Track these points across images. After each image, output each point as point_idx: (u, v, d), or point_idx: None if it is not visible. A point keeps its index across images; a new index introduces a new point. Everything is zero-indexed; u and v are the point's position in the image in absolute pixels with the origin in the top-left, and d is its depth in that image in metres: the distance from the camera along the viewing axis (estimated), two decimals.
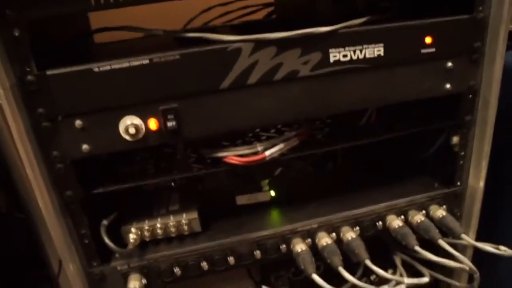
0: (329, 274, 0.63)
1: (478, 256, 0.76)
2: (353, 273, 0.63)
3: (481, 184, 0.73)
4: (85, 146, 0.54)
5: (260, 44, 0.54)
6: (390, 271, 0.80)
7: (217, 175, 0.75)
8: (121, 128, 0.54)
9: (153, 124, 0.55)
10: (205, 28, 0.73)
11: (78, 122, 0.53)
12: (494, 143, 0.70)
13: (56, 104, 0.52)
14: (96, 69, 0.51)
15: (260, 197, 0.74)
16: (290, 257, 0.67)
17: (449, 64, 0.63)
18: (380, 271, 0.63)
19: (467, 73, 0.64)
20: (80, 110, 0.53)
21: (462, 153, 0.72)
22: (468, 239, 0.67)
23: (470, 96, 0.67)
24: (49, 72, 0.50)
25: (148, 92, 0.54)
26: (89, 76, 0.51)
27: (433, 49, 0.61)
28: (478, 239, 0.74)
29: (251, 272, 0.78)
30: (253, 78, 0.55)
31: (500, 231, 0.92)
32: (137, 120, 0.54)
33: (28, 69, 0.49)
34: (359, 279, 0.74)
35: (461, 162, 0.72)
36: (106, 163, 0.66)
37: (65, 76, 0.51)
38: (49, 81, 0.50)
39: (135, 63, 0.52)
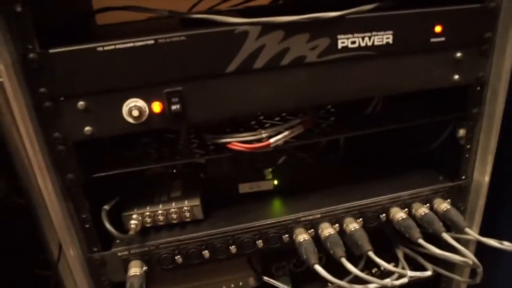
0: (331, 267, 0.62)
1: (479, 252, 0.75)
2: (354, 266, 0.62)
3: (487, 179, 0.72)
4: (87, 128, 0.54)
5: (267, 28, 0.53)
6: (392, 264, 0.80)
7: (220, 162, 0.74)
8: (125, 111, 0.53)
9: (157, 107, 0.54)
10: (210, 12, 0.72)
11: (80, 103, 0.52)
12: (501, 138, 0.70)
13: (58, 84, 0.51)
14: (100, 49, 0.50)
15: (263, 185, 0.73)
16: (292, 248, 0.67)
17: (458, 54, 0.62)
18: (383, 263, 0.62)
19: (476, 64, 0.63)
20: (83, 90, 0.52)
21: (468, 147, 0.71)
22: (472, 233, 0.66)
23: (478, 88, 0.66)
24: (51, 50, 0.49)
25: (153, 74, 0.53)
26: (93, 55, 0.50)
27: (442, 39, 0.60)
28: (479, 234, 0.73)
29: (252, 262, 0.77)
30: (259, 63, 0.54)
31: (500, 227, 0.91)
32: (140, 103, 0.53)
33: (31, 47, 0.48)
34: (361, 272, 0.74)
35: (467, 155, 0.71)
36: (108, 147, 0.65)
37: (68, 55, 0.50)
38: (52, 60, 0.49)
39: (140, 43, 0.51)
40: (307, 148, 0.88)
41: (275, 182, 0.74)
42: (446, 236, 0.65)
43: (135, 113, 0.53)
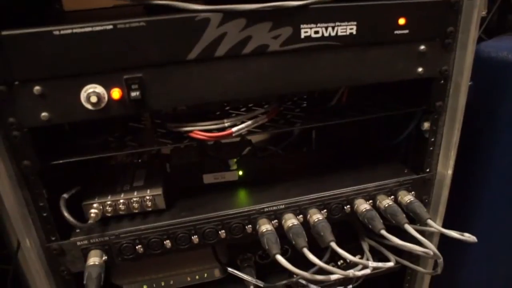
0: (297, 259, 0.62)
1: (445, 246, 0.77)
2: (319, 258, 0.62)
3: (450, 172, 0.73)
4: (44, 114, 0.52)
5: (229, 15, 0.52)
6: (358, 256, 0.80)
7: (185, 152, 0.73)
8: (83, 97, 0.52)
9: (116, 93, 0.53)
10: None
11: (36, 88, 0.51)
12: (462, 134, 0.71)
13: (12, 68, 0.49)
14: (56, 32, 0.49)
15: (228, 176, 0.72)
16: (256, 239, 0.66)
17: (422, 47, 0.62)
18: (345, 254, 0.62)
19: (439, 58, 0.64)
20: (39, 75, 0.50)
21: (432, 140, 0.72)
22: (434, 224, 0.67)
23: (442, 81, 0.66)
24: (4, 33, 0.47)
25: (112, 59, 0.51)
26: (49, 39, 0.49)
27: (406, 31, 0.60)
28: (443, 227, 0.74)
29: (217, 254, 0.77)
30: (221, 51, 0.54)
31: (465, 222, 0.93)
32: (99, 89, 0.52)
33: None
34: (326, 264, 0.74)
35: (431, 148, 0.72)
36: (70, 134, 0.64)
37: (23, 38, 0.48)
38: (5, 42, 0.48)
39: (98, 28, 0.50)
40: (277, 140, 0.88)
41: (240, 172, 0.73)
42: (408, 228, 0.66)
43: (94, 99, 0.52)
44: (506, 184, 0.84)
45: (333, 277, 0.63)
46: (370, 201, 0.71)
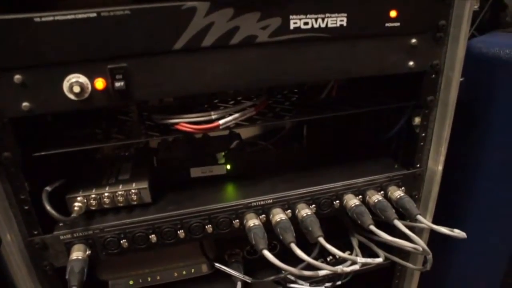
0: (286, 255, 0.61)
1: (435, 242, 0.76)
2: (308, 254, 0.61)
3: (440, 168, 0.73)
4: (25, 104, 0.51)
5: (216, 4, 0.51)
6: (347, 252, 0.80)
7: (172, 146, 0.72)
8: (65, 86, 0.51)
9: (99, 83, 0.51)
10: None
11: (17, 77, 0.49)
12: (453, 130, 0.70)
13: None
14: (37, 19, 0.47)
15: (215, 170, 0.71)
16: (244, 234, 0.65)
17: (413, 40, 0.61)
18: (333, 249, 0.61)
19: (430, 52, 0.63)
20: (19, 63, 0.49)
21: (423, 135, 0.71)
22: (423, 220, 0.67)
23: (433, 75, 0.66)
24: None
25: (96, 48, 0.50)
26: (30, 26, 0.47)
27: (397, 24, 0.59)
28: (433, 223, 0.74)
29: (205, 249, 0.76)
30: (208, 41, 0.52)
31: (455, 218, 0.93)
32: (82, 78, 0.51)
33: None
34: (315, 259, 0.73)
35: (422, 143, 0.72)
36: (54, 126, 0.63)
37: (2, 24, 0.46)
38: None
39: (81, 15, 0.48)
40: (268, 135, 0.87)
41: (228, 166, 0.72)
42: (397, 223, 0.65)
43: (77, 89, 0.51)
44: (496, 180, 0.83)
45: (321, 273, 0.62)
46: (360, 196, 0.70)
